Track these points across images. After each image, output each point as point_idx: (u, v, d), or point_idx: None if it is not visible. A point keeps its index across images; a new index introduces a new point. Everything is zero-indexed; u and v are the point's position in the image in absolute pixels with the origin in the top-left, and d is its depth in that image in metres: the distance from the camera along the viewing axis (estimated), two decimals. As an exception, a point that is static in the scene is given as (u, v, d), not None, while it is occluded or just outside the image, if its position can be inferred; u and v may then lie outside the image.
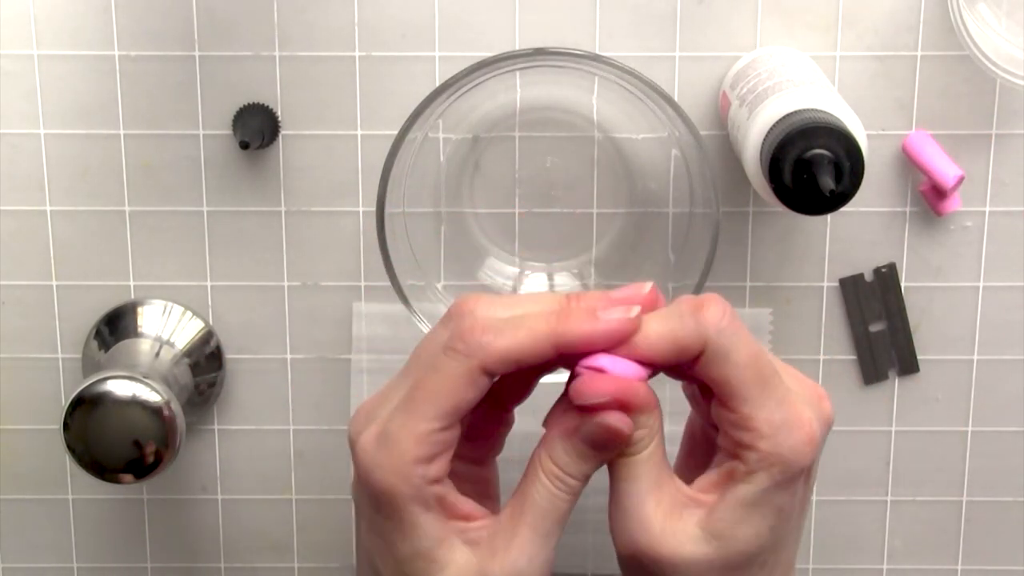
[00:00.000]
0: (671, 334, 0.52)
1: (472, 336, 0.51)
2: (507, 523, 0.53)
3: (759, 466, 0.52)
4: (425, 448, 0.51)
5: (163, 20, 0.70)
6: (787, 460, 0.52)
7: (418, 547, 0.52)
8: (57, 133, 0.71)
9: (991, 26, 0.68)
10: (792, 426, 0.52)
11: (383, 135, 0.71)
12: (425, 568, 0.53)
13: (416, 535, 0.52)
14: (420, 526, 0.52)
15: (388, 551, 0.53)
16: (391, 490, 0.52)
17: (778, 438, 0.52)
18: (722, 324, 0.52)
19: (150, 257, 0.73)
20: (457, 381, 0.51)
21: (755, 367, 0.52)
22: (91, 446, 0.66)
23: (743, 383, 0.52)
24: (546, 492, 0.52)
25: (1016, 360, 0.74)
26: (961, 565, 0.77)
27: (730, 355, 0.52)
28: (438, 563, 0.53)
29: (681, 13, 0.70)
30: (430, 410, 0.51)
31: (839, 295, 0.73)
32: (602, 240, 0.72)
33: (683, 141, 0.65)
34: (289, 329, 0.74)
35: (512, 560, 0.52)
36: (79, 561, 0.77)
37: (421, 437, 0.51)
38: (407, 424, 0.51)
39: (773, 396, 0.52)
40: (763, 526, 0.53)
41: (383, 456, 0.52)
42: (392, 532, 0.53)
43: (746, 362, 0.52)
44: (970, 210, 0.72)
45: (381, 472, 0.52)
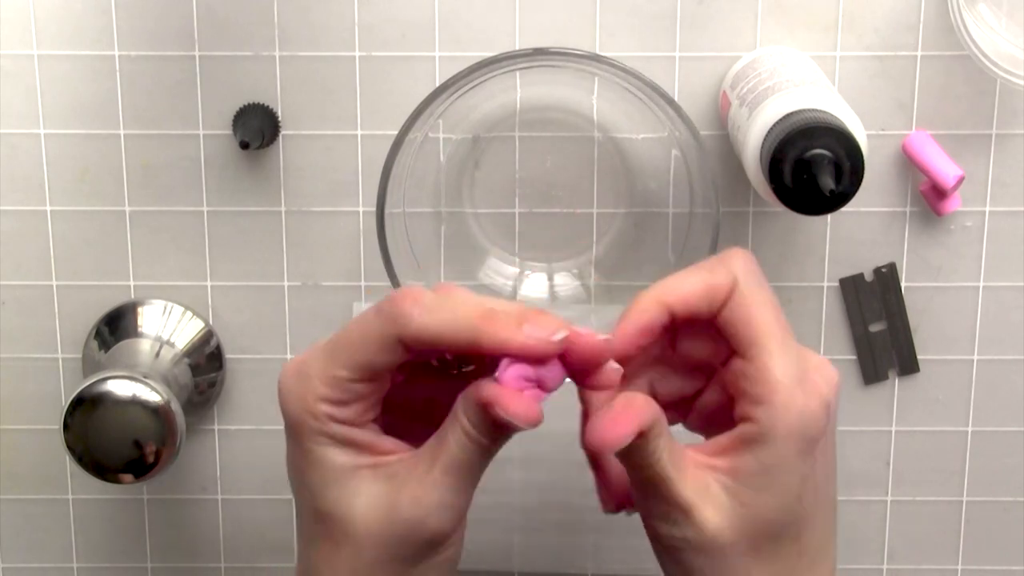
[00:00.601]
0: (702, 279, 0.53)
1: (400, 304, 0.51)
2: (423, 461, 0.53)
3: (773, 424, 0.52)
4: (334, 392, 0.52)
5: (163, 20, 0.70)
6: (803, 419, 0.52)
7: (327, 477, 0.53)
8: (57, 133, 0.71)
9: (991, 26, 0.68)
10: (807, 386, 0.53)
11: (383, 135, 0.71)
12: (336, 497, 0.53)
13: (324, 466, 0.53)
14: (327, 458, 0.53)
15: (303, 481, 0.54)
16: (298, 421, 0.53)
17: (793, 395, 0.52)
18: (749, 267, 0.54)
19: (150, 257, 0.73)
20: (373, 342, 0.52)
21: (777, 316, 0.53)
22: (91, 446, 0.66)
23: (767, 329, 0.53)
24: (461, 443, 0.52)
25: (1016, 360, 0.74)
26: (961, 565, 0.77)
27: (757, 296, 0.53)
28: (348, 492, 0.53)
29: (681, 13, 0.70)
30: (344, 358, 0.52)
31: (839, 295, 0.73)
32: (602, 240, 0.73)
33: (683, 141, 0.65)
34: (289, 329, 0.74)
35: (421, 495, 0.52)
36: (79, 561, 0.77)
37: (330, 381, 0.52)
38: (321, 365, 0.52)
39: (791, 351, 0.53)
40: (787, 490, 0.53)
41: (296, 387, 0.53)
42: (302, 461, 0.53)
43: (771, 308, 0.53)
44: (970, 210, 0.72)
45: (291, 402, 0.53)
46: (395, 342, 0.51)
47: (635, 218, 0.72)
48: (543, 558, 0.77)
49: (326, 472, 0.53)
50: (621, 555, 0.77)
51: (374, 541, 0.52)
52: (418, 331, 0.51)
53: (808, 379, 0.53)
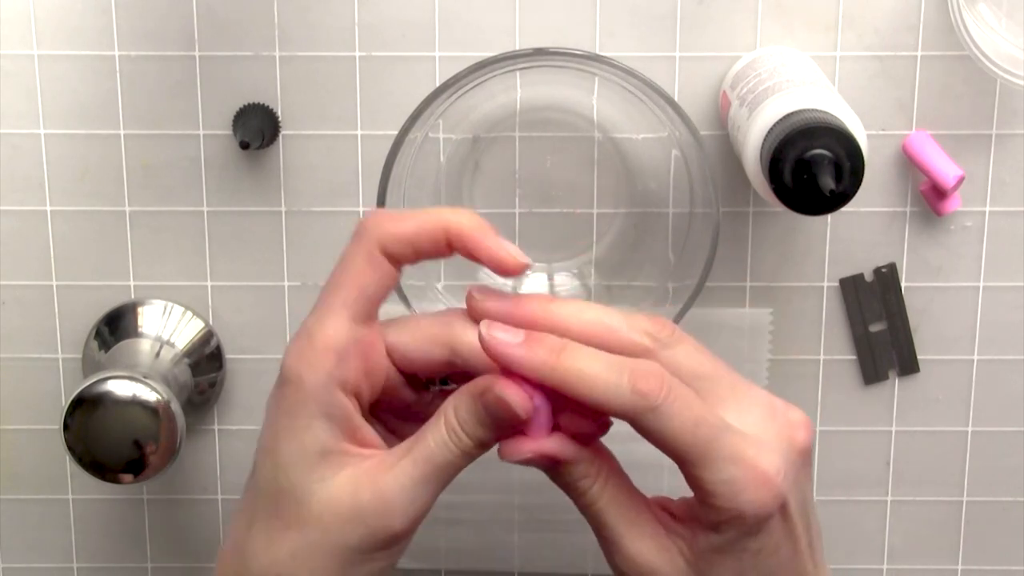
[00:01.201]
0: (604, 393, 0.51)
1: (370, 222, 0.53)
2: (394, 454, 0.53)
3: (720, 520, 0.52)
4: (335, 337, 0.52)
5: (163, 20, 0.70)
6: (746, 514, 0.51)
7: (303, 452, 0.52)
8: (57, 133, 0.71)
9: (991, 26, 0.68)
10: (747, 482, 0.51)
11: (383, 135, 0.71)
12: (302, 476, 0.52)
13: (305, 439, 0.52)
14: (313, 429, 0.52)
15: (274, 450, 0.53)
16: (299, 377, 0.52)
17: (734, 496, 0.51)
18: (658, 399, 0.50)
19: (150, 257, 0.73)
20: (358, 263, 0.52)
21: (697, 432, 0.50)
22: (91, 446, 0.66)
23: (686, 450, 0.51)
24: (440, 438, 0.52)
25: (1016, 360, 0.74)
26: (961, 565, 0.77)
27: (667, 426, 0.50)
28: (316, 474, 0.52)
29: (681, 13, 0.70)
30: (337, 299, 0.52)
31: (839, 295, 0.73)
32: (602, 240, 0.73)
33: (683, 141, 0.65)
34: (289, 329, 0.74)
35: (383, 486, 0.52)
36: (79, 561, 0.77)
37: (331, 327, 0.52)
38: (318, 316, 0.53)
39: (721, 455, 0.51)
40: (741, 568, 0.53)
41: (296, 346, 0.53)
42: (283, 429, 0.52)
43: (686, 429, 0.50)
44: (970, 210, 0.72)
45: (292, 359, 0.53)
46: (377, 254, 0.52)
47: (635, 218, 0.72)
48: (543, 558, 0.77)
49: (304, 447, 0.52)
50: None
51: (324, 529, 0.52)
52: (396, 232, 0.52)
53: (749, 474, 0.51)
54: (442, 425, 0.52)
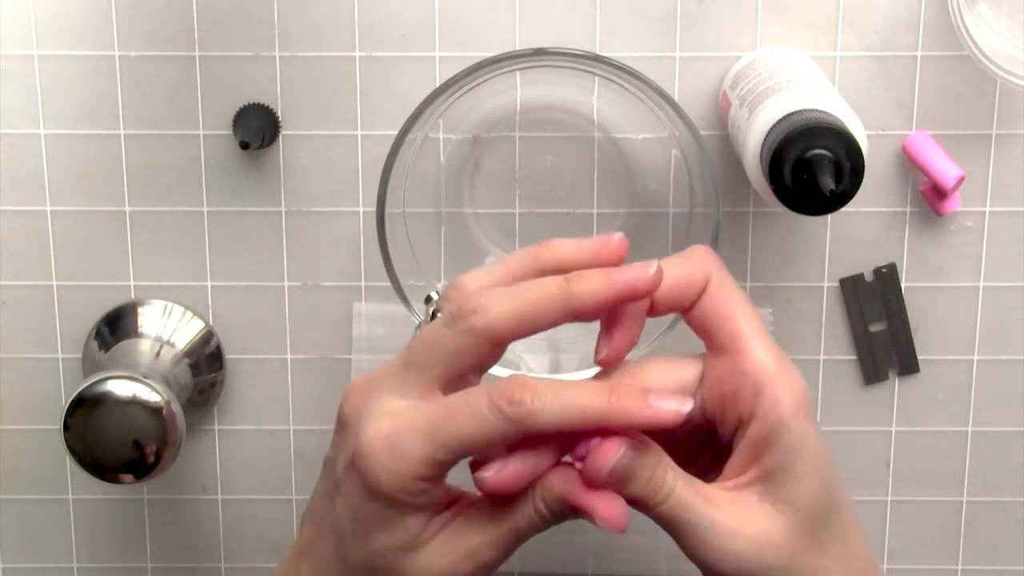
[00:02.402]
0: (680, 271, 0.54)
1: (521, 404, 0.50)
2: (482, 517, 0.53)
3: (780, 409, 0.53)
4: (430, 471, 0.52)
5: (163, 20, 0.70)
6: (800, 392, 0.53)
7: (395, 543, 0.53)
8: (57, 133, 0.71)
9: (991, 26, 0.68)
10: (789, 366, 0.54)
11: (383, 135, 0.71)
12: (402, 561, 0.53)
13: (401, 532, 0.53)
14: (406, 526, 0.53)
15: (363, 539, 0.53)
16: (391, 496, 0.52)
17: (785, 371, 0.53)
18: (717, 263, 0.55)
19: (150, 257, 0.73)
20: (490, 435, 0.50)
21: (751, 307, 0.54)
22: (91, 446, 0.66)
23: (746, 319, 0.54)
24: (531, 520, 0.53)
25: (1016, 360, 0.74)
26: (961, 565, 0.77)
27: (731, 291, 0.54)
28: (412, 553, 0.53)
29: (681, 13, 0.70)
30: (447, 442, 0.51)
31: (839, 295, 0.73)
32: (602, 240, 0.72)
33: (683, 141, 0.65)
34: (289, 329, 0.74)
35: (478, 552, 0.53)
36: (79, 561, 0.77)
37: (431, 463, 0.51)
38: (421, 447, 0.51)
39: (768, 338, 0.54)
40: (816, 464, 0.53)
41: (391, 464, 0.51)
42: (375, 525, 0.53)
43: (745, 299, 0.54)
44: (970, 210, 0.72)
45: (385, 478, 0.52)
46: (514, 437, 0.51)
47: (635, 218, 0.72)
48: (543, 558, 0.77)
49: (400, 538, 0.53)
50: (621, 555, 0.77)
51: None
52: (544, 427, 0.50)
53: (786, 360, 0.54)
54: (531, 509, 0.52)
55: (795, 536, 0.53)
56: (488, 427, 0.50)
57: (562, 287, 0.52)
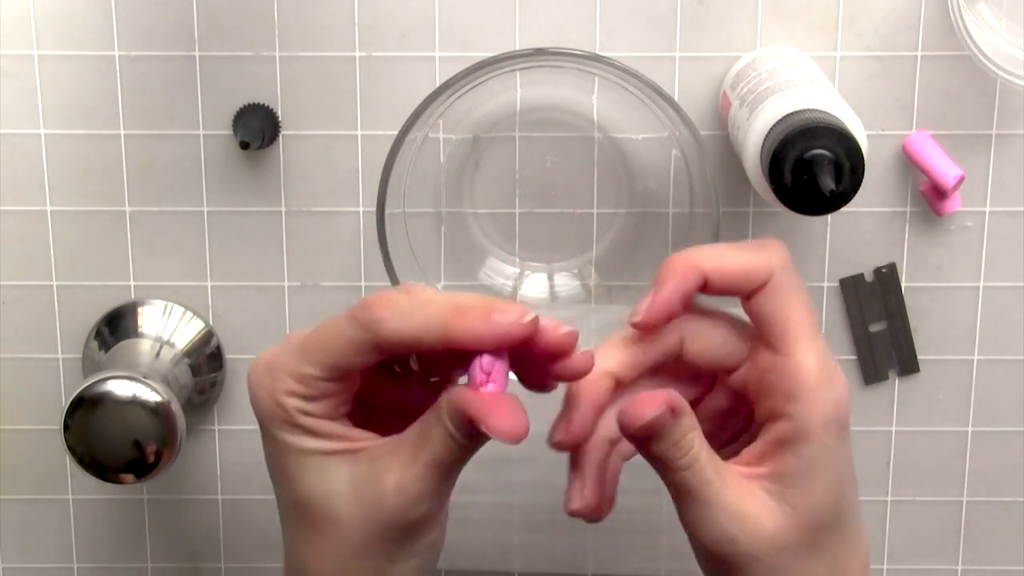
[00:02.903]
0: (743, 260, 0.54)
1: (372, 310, 0.52)
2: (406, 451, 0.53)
3: (809, 418, 0.53)
4: (303, 388, 0.52)
5: (163, 20, 0.70)
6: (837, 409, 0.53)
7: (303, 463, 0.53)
8: (57, 133, 0.71)
9: (991, 26, 0.68)
10: (835, 375, 0.54)
11: (383, 135, 0.71)
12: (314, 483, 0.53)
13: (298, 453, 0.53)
14: (300, 445, 0.53)
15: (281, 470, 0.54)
16: (268, 413, 0.53)
17: (826, 384, 0.53)
18: (786, 259, 0.54)
19: (150, 257, 0.73)
20: (346, 344, 0.52)
21: (811, 312, 0.54)
22: (91, 446, 0.66)
23: (799, 322, 0.54)
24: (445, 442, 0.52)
25: (1016, 360, 0.74)
26: (961, 565, 0.77)
27: (793, 290, 0.54)
28: (326, 476, 0.53)
29: (681, 13, 0.70)
30: (315, 357, 0.52)
31: (839, 295, 0.73)
32: (602, 240, 0.73)
33: (683, 141, 0.65)
34: (289, 329, 0.74)
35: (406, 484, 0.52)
36: (79, 561, 0.77)
37: (299, 377, 0.52)
38: (291, 361, 0.53)
39: (817, 344, 0.54)
40: (830, 481, 0.53)
41: (264, 381, 0.53)
42: (276, 450, 0.54)
43: (805, 303, 0.54)
44: (970, 210, 0.72)
45: (260, 396, 0.53)
46: (369, 347, 0.51)
47: (635, 218, 0.72)
48: (543, 558, 0.77)
49: (302, 459, 0.53)
50: (621, 555, 0.77)
51: (358, 524, 0.52)
52: (392, 335, 0.51)
53: (835, 369, 0.54)
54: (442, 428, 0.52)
55: (791, 539, 0.53)
56: (344, 335, 0.51)
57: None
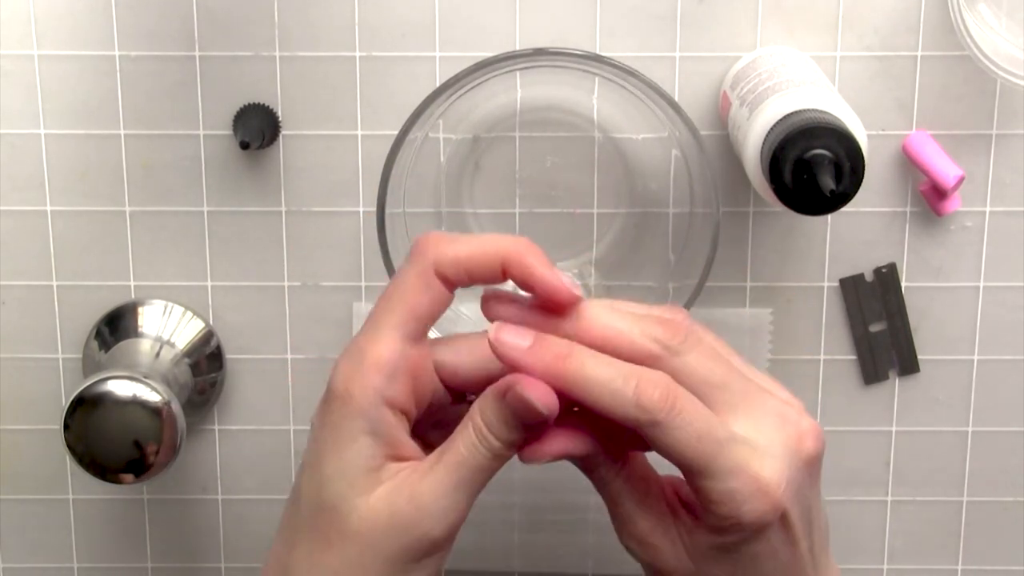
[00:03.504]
0: (609, 401, 0.51)
1: (427, 244, 0.53)
2: (427, 461, 0.53)
3: (720, 526, 0.53)
4: (385, 355, 0.52)
5: (163, 20, 0.70)
6: (744, 523, 0.52)
7: (346, 467, 0.53)
8: (57, 133, 0.71)
9: (991, 26, 0.68)
10: (747, 494, 0.52)
11: (383, 135, 0.71)
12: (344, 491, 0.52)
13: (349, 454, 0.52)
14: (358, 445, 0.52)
15: (318, 466, 0.53)
16: (347, 393, 0.52)
17: (734, 506, 0.52)
18: (661, 413, 0.51)
19: (150, 257, 0.73)
20: (412, 283, 0.53)
21: (699, 446, 0.51)
22: (91, 446, 0.66)
23: (688, 462, 0.51)
24: (470, 442, 0.52)
25: (1016, 360, 0.74)
26: (961, 565, 0.77)
27: (669, 439, 0.51)
28: (358, 488, 0.52)
29: (681, 13, 0.70)
30: (389, 319, 0.53)
31: (839, 295, 0.73)
32: (602, 240, 0.73)
33: (683, 141, 0.65)
34: (289, 329, 0.74)
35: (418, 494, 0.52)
36: (79, 561, 0.77)
37: (382, 344, 0.52)
38: (369, 334, 0.53)
39: (723, 467, 0.51)
40: (736, 569, 0.54)
41: (346, 363, 0.53)
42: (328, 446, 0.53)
43: (689, 443, 0.51)
44: (970, 210, 0.72)
45: (342, 376, 0.53)
46: (431, 277, 0.52)
47: (635, 218, 0.72)
48: (543, 558, 0.77)
49: (347, 461, 0.52)
50: (621, 555, 0.76)
51: (365, 544, 0.52)
52: (452, 258, 0.52)
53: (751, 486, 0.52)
54: (471, 429, 0.52)
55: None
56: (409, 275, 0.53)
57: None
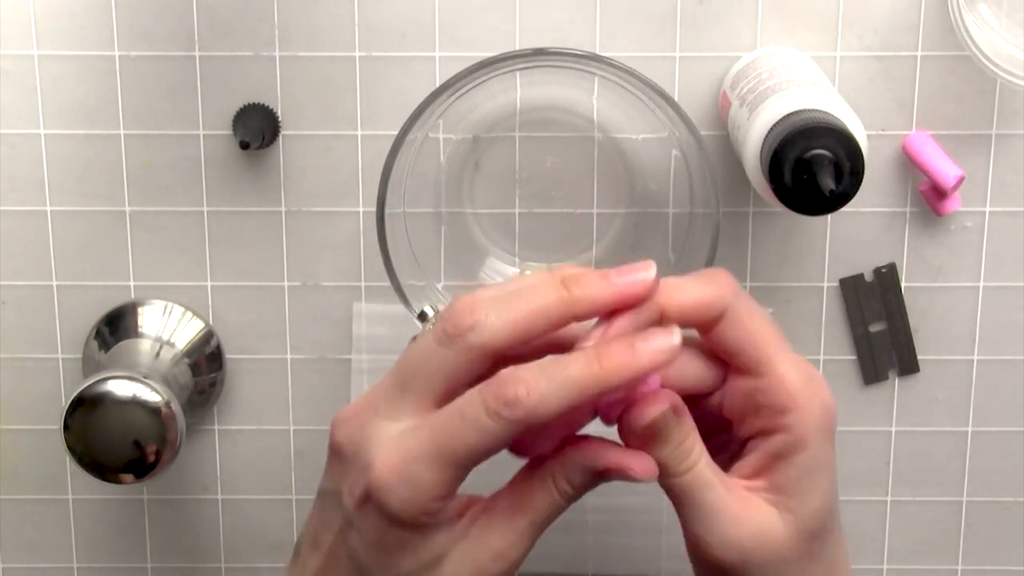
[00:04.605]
0: (697, 293, 0.53)
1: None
2: (502, 516, 0.53)
3: (804, 428, 0.53)
4: (446, 488, 0.51)
5: (163, 20, 0.70)
6: (826, 412, 0.53)
7: (423, 562, 0.53)
8: (57, 133, 0.71)
9: (991, 26, 0.68)
10: (816, 379, 0.54)
11: (383, 135, 0.71)
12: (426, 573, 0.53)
13: (425, 552, 0.52)
14: (431, 545, 0.52)
15: (388, 566, 0.53)
16: (414, 522, 0.51)
17: (813, 390, 0.53)
18: (735, 285, 0.54)
19: (150, 257, 0.73)
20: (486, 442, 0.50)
21: (772, 326, 0.54)
22: (91, 446, 0.66)
23: (768, 340, 0.54)
24: (552, 501, 0.52)
25: (1016, 360, 0.74)
26: (961, 565, 0.77)
27: (753, 313, 0.54)
28: (439, 569, 0.53)
29: (681, 13, 0.70)
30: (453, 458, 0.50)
31: (839, 295, 0.73)
32: (602, 240, 0.73)
33: (683, 141, 0.65)
34: (289, 329, 0.74)
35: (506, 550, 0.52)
36: (79, 561, 0.77)
37: (444, 482, 0.51)
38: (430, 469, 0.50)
39: (792, 355, 0.54)
40: (826, 486, 0.54)
41: (407, 492, 0.51)
42: (399, 550, 0.52)
43: (765, 321, 0.54)
44: (970, 210, 0.72)
45: (405, 507, 0.51)
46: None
47: (635, 218, 0.72)
48: (543, 558, 0.77)
49: (427, 557, 0.52)
50: (621, 555, 0.77)
51: None
52: (544, 417, 0.49)
53: (815, 372, 0.54)
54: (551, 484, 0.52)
55: (793, 544, 0.54)
56: (491, 434, 0.50)
57: (561, 296, 0.50)
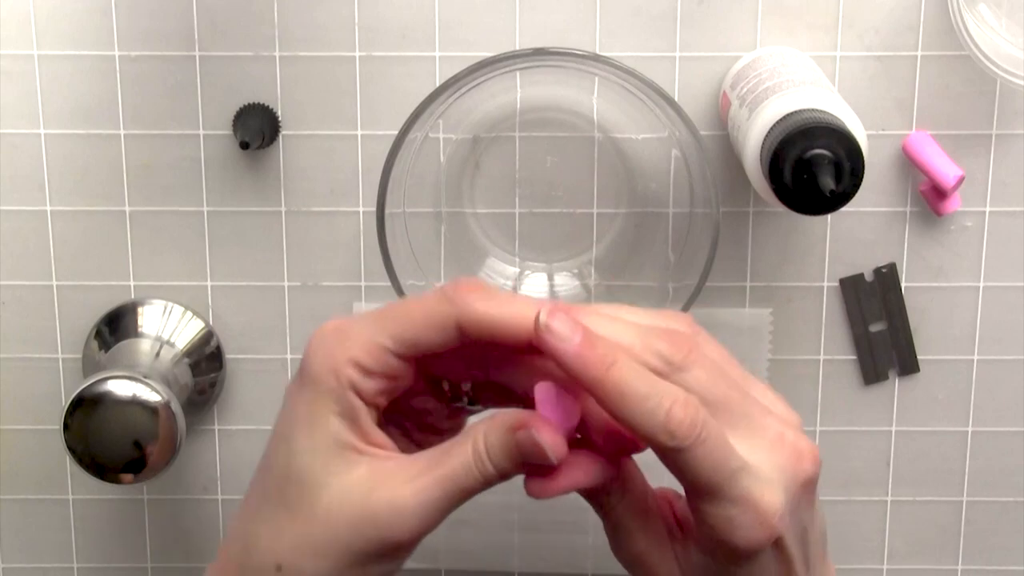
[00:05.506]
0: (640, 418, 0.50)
1: (462, 290, 0.52)
2: (414, 465, 0.52)
3: (713, 548, 0.52)
4: (369, 359, 0.51)
5: (163, 20, 0.70)
6: (739, 548, 0.52)
7: (317, 444, 0.52)
8: (57, 133, 0.71)
9: (991, 26, 0.68)
10: (744, 522, 0.51)
11: (383, 135, 0.71)
12: (316, 467, 0.52)
13: (320, 431, 0.52)
14: (327, 425, 0.52)
15: (289, 437, 0.53)
16: (319, 377, 0.52)
17: (730, 532, 0.51)
18: (688, 440, 0.50)
19: (150, 257, 0.73)
20: (430, 319, 0.51)
21: (713, 475, 0.51)
22: (91, 446, 0.66)
23: (698, 487, 0.51)
24: (466, 463, 0.52)
25: (1016, 360, 0.74)
26: (961, 565, 0.77)
27: (687, 465, 0.50)
28: (329, 466, 0.52)
29: (681, 13, 0.70)
30: (393, 328, 0.52)
31: (839, 295, 0.73)
32: (602, 240, 0.73)
33: (683, 141, 0.65)
34: (289, 329, 0.74)
35: (400, 497, 0.51)
36: (79, 561, 0.77)
37: (370, 347, 0.51)
38: (366, 329, 0.52)
39: (728, 496, 0.51)
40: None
41: (330, 343, 0.52)
42: (299, 419, 0.52)
43: (704, 472, 0.50)
44: (970, 210, 0.72)
45: (320, 356, 0.52)
46: (452, 324, 0.51)
47: (635, 218, 0.72)
48: (543, 558, 0.77)
49: (319, 439, 0.52)
50: (621, 555, 0.77)
51: (332, 525, 0.51)
52: (480, 316, 0.51)
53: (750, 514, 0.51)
54: (469, 450, 0.52)
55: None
56: (429, 309, 0.51)
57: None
